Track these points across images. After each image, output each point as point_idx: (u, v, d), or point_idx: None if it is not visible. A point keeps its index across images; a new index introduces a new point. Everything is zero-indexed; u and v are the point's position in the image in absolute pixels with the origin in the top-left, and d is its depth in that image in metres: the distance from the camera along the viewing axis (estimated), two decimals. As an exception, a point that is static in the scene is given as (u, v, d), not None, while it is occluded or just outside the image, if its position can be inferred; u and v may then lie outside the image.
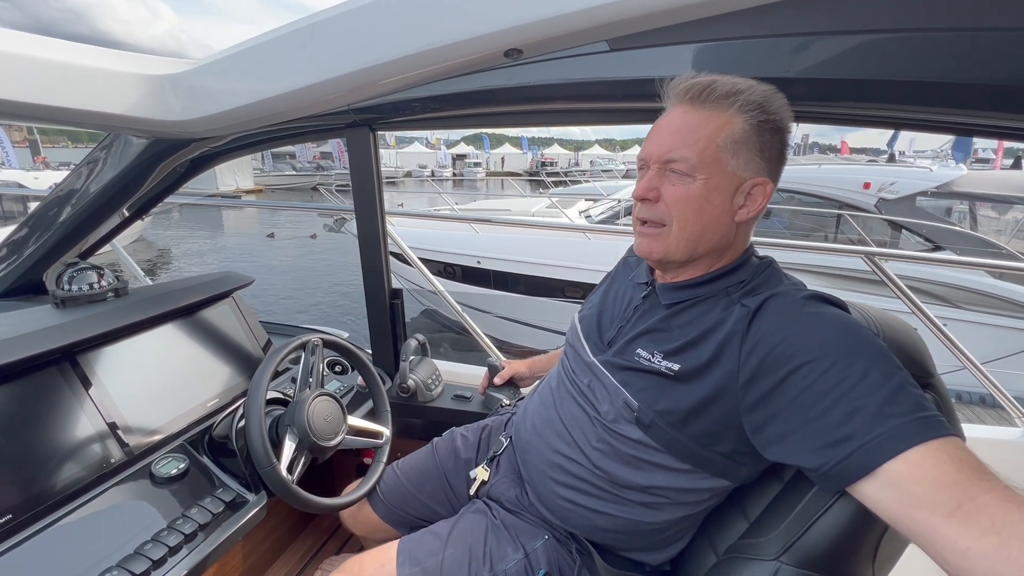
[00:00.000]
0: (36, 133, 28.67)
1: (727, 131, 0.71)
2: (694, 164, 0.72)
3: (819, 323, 0.66)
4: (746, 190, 0.74)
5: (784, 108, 0.73)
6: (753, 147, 0.72)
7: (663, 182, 0.75)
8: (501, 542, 0.91)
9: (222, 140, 1.28)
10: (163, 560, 0.80)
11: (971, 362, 1.56)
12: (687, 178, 0.73)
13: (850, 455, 0.56)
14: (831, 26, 0.73)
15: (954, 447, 0.54)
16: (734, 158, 0.72)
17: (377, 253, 1.45)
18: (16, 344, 0.89)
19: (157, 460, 0.97)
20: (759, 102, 0.71)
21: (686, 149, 0.72)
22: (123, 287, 1.15)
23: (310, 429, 0.99)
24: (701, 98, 0.73)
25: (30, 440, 0.85)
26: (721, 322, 0.73)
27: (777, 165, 0.76)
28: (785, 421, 0.63)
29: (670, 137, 0.74)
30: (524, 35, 0.70)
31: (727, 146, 0.71)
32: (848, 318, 0.67)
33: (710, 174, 0.72)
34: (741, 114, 0.71)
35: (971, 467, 0.52)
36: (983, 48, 0.66)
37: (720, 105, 0.72)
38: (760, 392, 0.66)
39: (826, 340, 0.63)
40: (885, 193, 5.15)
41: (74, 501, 0.86)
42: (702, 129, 0.72)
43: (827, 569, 0.64)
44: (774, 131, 0.73)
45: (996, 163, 13.26)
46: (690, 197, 0.73)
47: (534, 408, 1.00)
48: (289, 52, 0.85)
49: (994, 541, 0.46)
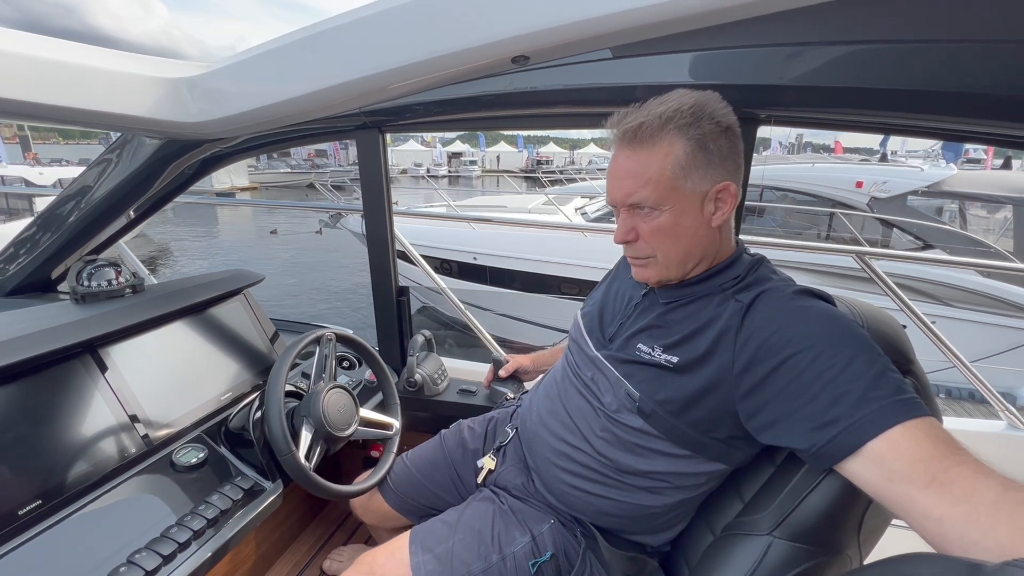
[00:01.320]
0: (27, 129, 28.32)
1: (671, 160, 0.75)
2: (655, 200, 0.77)
3: (808, 316, 0.71)
4: (712, 197, 0.78)
5: (720, 110, 0.76)
6: (701, 162, 0.75)
7: (636, 220, 0.81)
8: (509, 526, 0.95)
9: (233, 141, 1.31)
10: (188, 543, 0.84)
11: (957, 358, 1.61)
12: (654, 212, 0.78)
13: (837, 436, 0.61)
14: (823, 36, 0.77)
15: (930, 426, 0.58)
16: (688, 180, 0.76)
17: (385, 251, 1.48)
18: (40, 338, 0.92)
19: (177, 450, 1.01)
20: (689, 121, 0.74)
21: (642, 190, 0.77)
22: (140, 283, 1.18)
23: (325, 419, 1.02)
24: (637, 139, 0.77)
25: (56, 431, 0.89)
26: (716, 317, 0.78)
27: (733, 162, 0.78)
28: (777, 407, 0.68)
29: (624, 181, 0.79)
30: (531, 42, 0.74)
31: (677, 172, 0.75)
32: (834, 310, 0.71)
33: (673, 202, 0.77)
34: (678, 139, 0.75)
35: (945, 443, 0.56)
36: (967, 58, 0.70)
37: (655, 139, 0.75)
38: (753, 381, 0.70)
39: (814, 331, 0.68)
40: (877, 192, 5.21)
41: (100, 488, 0.90)
42: (648, 167, 0.76)
43: (816, 541, 0.69)
44: (716, 136, 0.75)
45: (987, 163, 13.40)
46: (663, 228, 0.79)
47: (540, 400, 1.04)
48: (304, 57, 0.88)
49: (965, 508, 0.50)
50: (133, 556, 0.79)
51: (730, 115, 0.77)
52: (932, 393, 0.73)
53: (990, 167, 10.73)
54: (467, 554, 0.92)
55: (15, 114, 0.82)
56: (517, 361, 1.43)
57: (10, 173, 9.82)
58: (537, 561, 0.90)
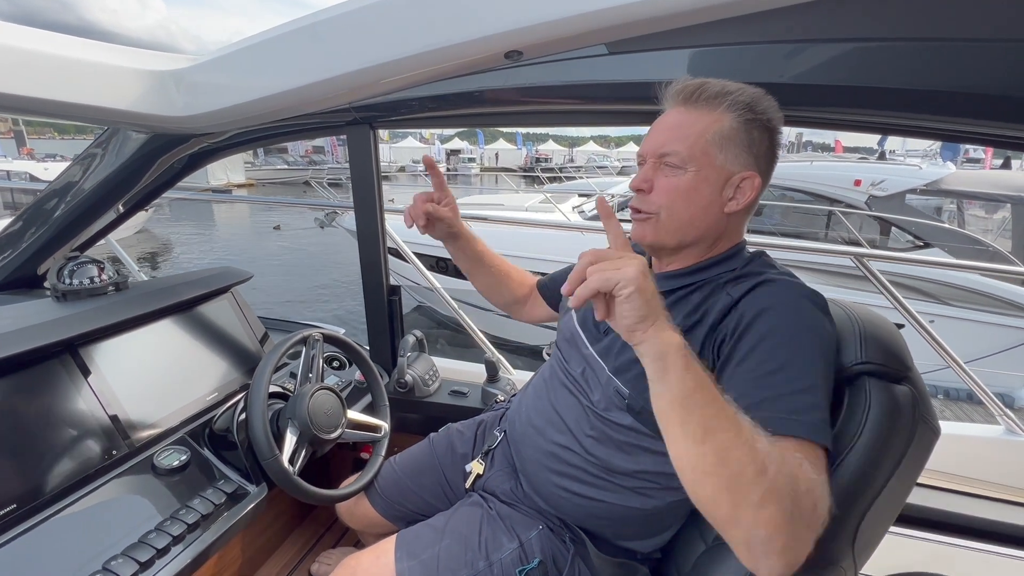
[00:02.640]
0: (21, 124, 28.18)
1: (716, 128, 0.76)
2: (684, 157, 0.76)
3: (788, 317, 0.71)
4: (735, 183, 0.77)
5: (773, 109, 0.77)
6: (741, 143, 0.76)
7: (657, 175, 0.80)
8: (496, 532, 0.93)
9: (222, 136, 1.29)
10: (167, 549, 0.82)
11: (954, 360, 1.60)
12: (678, 170, 0.77)
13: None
14: (822, 34, 0.75)
15: (800, 446, 0.60)
16: (722, 153, 0.76)
17: (376, 249, 1.46)
18: (18, 337, 0.90)
19: (159, 452, 0.98)
20: (747, 102, 0.75)
21: (678, 144, 0.77)
22: (123, 281, 1.16)
23: (311, 422, 1.01)
24: (693, 98, 0.77)
25: (33, 432, 0.86)
26: (708, 312, 0.77)
27: (767, 162, 0.79)
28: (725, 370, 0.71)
29: (664, 134, 0.79)
30: (524, 37, 0.72)
31: (716, 141, 0.76)
32: (812, 321, 0.71)
33: (699, 167, 0.76)
34: (730, 112, 0.76)
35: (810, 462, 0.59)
36: (968, 58, 0.69)
37: (710, 104, 0.76)
38: (723, 360, 0.72)
39: (786, 332, 0.69)
40: (875, 190, 5.20)
41: (78, 491, 0.87)
42: (693, 126, 0.77)
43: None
44: (762, 129, 0.77)
45: (986, 162, 13.42)
46: (680, 187, 0.77)
47: (528, 400, 1.03)
48: (292, 50, 0.86)
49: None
50: (109, 563, 0.77)
51: (779, 121, 0.78)
52: (930, 402, 0.72)
53: (989, 166, 10.75)
54: (453, 561, 0.90)
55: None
56: (440, 212, 1.04)
57: (16, 168, 9.89)
58: (524, 568, 0.89)
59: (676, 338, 0.58)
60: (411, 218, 1.01)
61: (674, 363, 0.57)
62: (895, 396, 0.69)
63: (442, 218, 1.03)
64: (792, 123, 0.97)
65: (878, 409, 0.68)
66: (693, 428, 0.56)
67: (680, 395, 0.57)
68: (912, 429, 0.68)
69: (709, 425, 0.56)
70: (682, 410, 0.57)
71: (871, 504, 0.67)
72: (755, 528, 0.54)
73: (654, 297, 0.59)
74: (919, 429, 0.69)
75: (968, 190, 5.26)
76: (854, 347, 0.73)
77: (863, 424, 0.67)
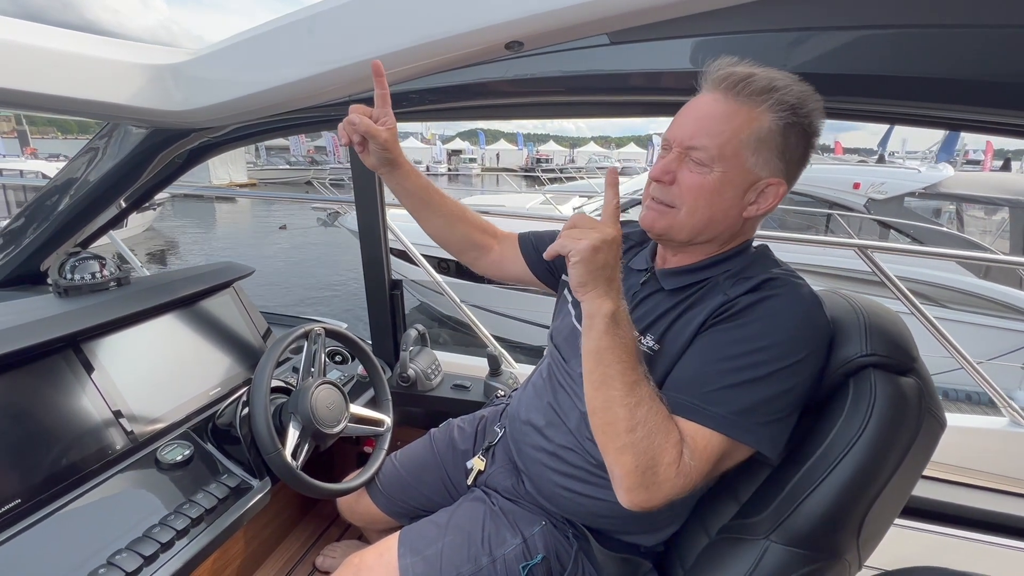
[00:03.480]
0: (24, 123, 28.24)
1: (753, 128, 0.71)
2: (713, 155, 0.72)
3: (781, 315, 0.71)
4: (760, 188, 0.74)
5: (817, 112, 0.72)
6: (775, 148, 0.72)
7: (681, 167, 0.75)
8: (500, 528, 0.93)
9: (222, 130, 1.28)
10: (171, 543, 0.82)
11: (959, 352, 1.59)
12: (704, 168, 0.73)
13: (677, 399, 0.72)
14: (826, 22, 0.74)
15: (723, 441, 0.68)
16: (754, 156, 0.72)
17: (377, 245, 1.46)
18: (20, 332, 0.89)
19: (162, 447, 0.98)
20: (792, 103, 0.70)
21: (708, 139, 0.72)
22: (125, 276, 1.16)
23: (314, 416, 1.00)
24: (736, 89, 0.71)
25: (37, 427, 0.86)
26: (703, 308, 0.76)
27: (797, 168, 0.75)
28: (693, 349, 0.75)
29: (695, 123, 0.74)
30: (525, 28, 0.71)
31: (749, 143, 0.71)
32: (805, 320, 0.72)
33: (727, 168, 0.72)
34: (771, 113, 0.70)
35: (711, 460, 0.68)
36: (974, 45, 0.68)
37: (752, 100, 0.71)
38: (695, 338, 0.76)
39: (780, 331, 0.70)
40: (874, 193, 5.20)
41: (82, 486, 0.87)
42: (728, 122, 0.71)
43: (814, 546, 0.66)
44: (800, 134, 0.72)
45: (985, 164, 13.41)
46: (703, 187, 0.74)
47: (528, 399, 1.02)
48: (291, 43, 0.85)
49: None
50: (113, 557, 0.77)
51: (820, 126, 0.74)
52: (936, 394, 0.71)
53: (988, 168, 10.74)
54: (456, 556, 0.90)
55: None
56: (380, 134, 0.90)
57: (29, 167, 10.02)
58: (528, 564, 0.88)
59: (608, 306, 0.68)
60: (344, 134, 0.89)
61: (598, 324, 0.69)
62: (901, 388, 0.68)
63: (376, 137, 0.88)
64: None
65: (883, 402, 0.67)
66: (596, 376, 0.69)
67: (595, 349, 0.69)
68: (918, 422, 0.67)
69: (607, 379, 0.68)
70: (593, 360, 0.70)
71: (876, 498, 0.66)
72: (613, 466, 0.69)
73: (600, 269, 0.68)
74: (925, 421, 0.68)
75: (966, 193, 5.26)
76: (859, 339, 0.72)
77: (868, 417, 0.66)
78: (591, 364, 0.70)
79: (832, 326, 0.75)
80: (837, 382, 0.73)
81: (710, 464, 0.68)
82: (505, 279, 1.13)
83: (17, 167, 10.28)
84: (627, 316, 0.71)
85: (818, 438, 0.70)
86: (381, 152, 0.92)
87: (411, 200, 1.04)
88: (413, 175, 1.00)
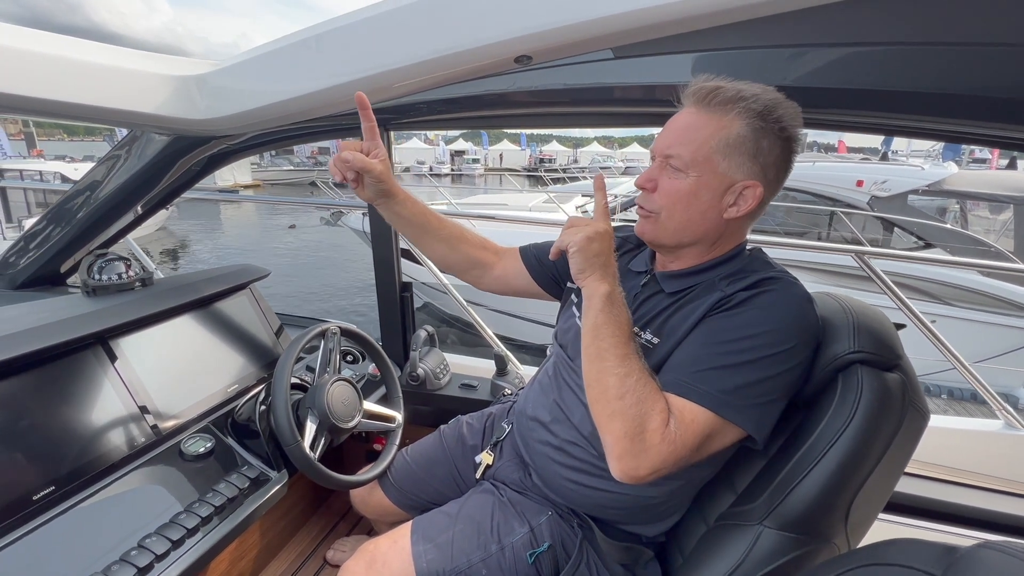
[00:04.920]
0: (32, 126, 28.43)
1: (722, 135, 0.76)
2: (687, 161, 0.78)
3: (767, 312, 0.76)
4: (737, 191, 0.79)
5: (789, 117, 0.76)
6: (747, 152, 0.76)
7: (661, 175, 0.82)
8: (508, 518, 0.97)
9: (240, 138, 1.33)
10: (195, 529, 0.87)
11: (955, 356, 1.62)
12: (680, 173, 0.79)
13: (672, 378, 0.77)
14: (824, 39, 0.78)
15: (710, 419, 0.73)
16: (726, 160, 0.77)
17: (388, 248, 1.50)
18: (53, 330, 0.94)
19: (185, 439, 1.03)
20: (758, 110, 0.75)
21: (683, 147, 0.78)
22: (149, 277, 1.21)
23: (330, 411, 1.05)
24: (706, 101, 0.78)
25: (69, 419, 0.91)
26: (700, 305, 0.81)
27: (776, 170, 0.79)
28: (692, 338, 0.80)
29: (672, 134, 0.81)
30: (534, 42, 0.75)
31: (720, 148, 0.76)
32: (798, 313, 0.76)
33: (701, 172, 0.78)
34: (740, 120, 0.75)
35: (702, 441, 0.73)
36: (968, 61, 0.71)
37: (722, 109, 0.76)
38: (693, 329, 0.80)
39: (755, 324, 0.75)
40: (877, 191, 5.19)
41: (111, 475, 0.92)
42: (701, 130, 0.77)
43: (804, 530, 0.71)
44: (774, 139, 0.76)
45: (992, 163, 13.33)
46: (680, 191, 0.80)
47: (534, 396, 1.06)
48: (310, 56, 0.89)
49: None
50: (143, 541, 0.81)
51: (797, 130, 0.78)
52: (920, 390, 0.75)
53: (995, 167, 10.68)
54: (467, 544, 0.94)
55: (29, 110, 0.84)
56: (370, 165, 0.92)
57: (48, 168, 10.14)
58: (535, 551, 0.92)
59: (604, 287, 0.77)
60: (337, 171, 0.90)
61: (595, 303, 0.77)
62: (886, 383, 0.72)
63: (371, 171, 0.90)
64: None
65: (870, 395, 0.71)
66: (592, 350, 0.76)
67: (592, 325, 0.77)
68: (902, 414, 0.72)
69: (602, 352, 0.75)
70: (591, 336, 0.77)
71: (862, 484, 0.71)
72: (605, 434, 0.74)
73: (596, 257, 0.77)
74: (908, 414, 0.72)
75: (970, 191, 5.23)
76: (847, 337, 0.76)
77: (855, 409, 0.71)
78: (588, 339, 0.77)
79: (823, 324, 0.80)
80: (827, 377, 0.77)
81: (696, 438, 0.72)
82: (510, 293, 1.15)
83: (36, 168, 10.39)
84: (622, 298, 0.79)
85: (809, 429, 0.75)
86: (376, 184, 0.93)
87: (411, 228, 1.04)
88: (409, 202, 1.00)
